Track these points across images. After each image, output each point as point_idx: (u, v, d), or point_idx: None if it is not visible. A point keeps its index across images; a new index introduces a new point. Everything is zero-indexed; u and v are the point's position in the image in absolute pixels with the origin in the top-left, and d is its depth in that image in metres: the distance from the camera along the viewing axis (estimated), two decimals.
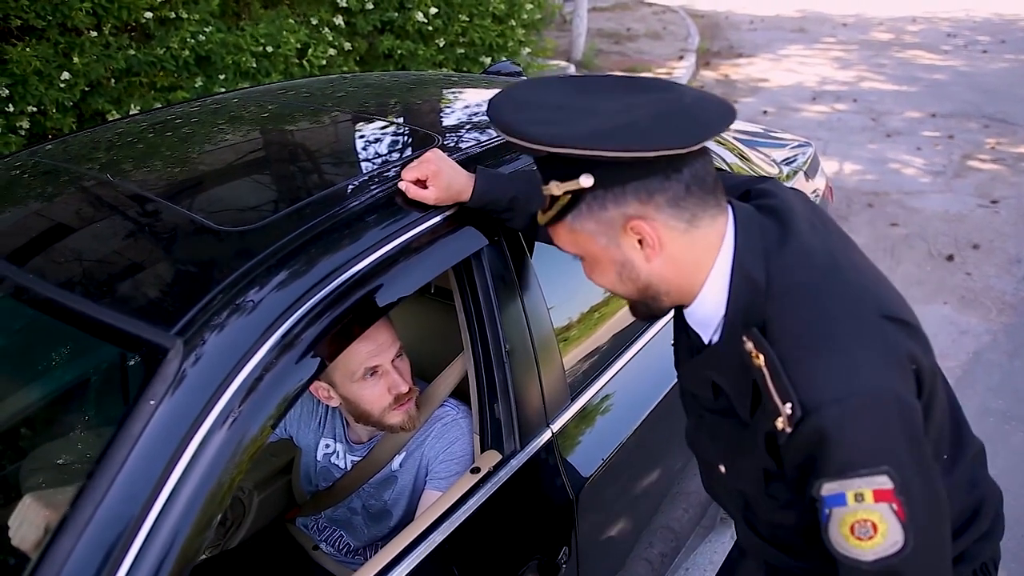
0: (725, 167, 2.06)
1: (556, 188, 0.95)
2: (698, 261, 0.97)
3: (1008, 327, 3.53)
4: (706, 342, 1.03)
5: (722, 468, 1.12)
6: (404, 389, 1.42)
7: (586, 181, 0.92)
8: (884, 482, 0.86)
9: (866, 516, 0.87)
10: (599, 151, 0.88)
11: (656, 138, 0.89)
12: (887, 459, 0.87)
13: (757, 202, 1.03)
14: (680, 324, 1.11)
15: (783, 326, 0.92)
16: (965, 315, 3.63)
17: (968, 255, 4.17)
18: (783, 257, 0.95)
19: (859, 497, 0.87)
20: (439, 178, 1.26)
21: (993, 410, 3.00)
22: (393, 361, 1.43)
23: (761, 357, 0.92)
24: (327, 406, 1.61)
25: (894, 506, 0.86)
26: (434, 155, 1.28)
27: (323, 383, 1.43)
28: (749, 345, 0.93)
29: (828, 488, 0.89)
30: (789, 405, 0.90)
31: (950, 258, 4.13)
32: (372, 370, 1.41)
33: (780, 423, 0.91)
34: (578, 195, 0.94)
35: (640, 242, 0.96)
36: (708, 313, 1.00)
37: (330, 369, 1.39)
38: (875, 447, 0.87)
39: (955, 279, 3.94)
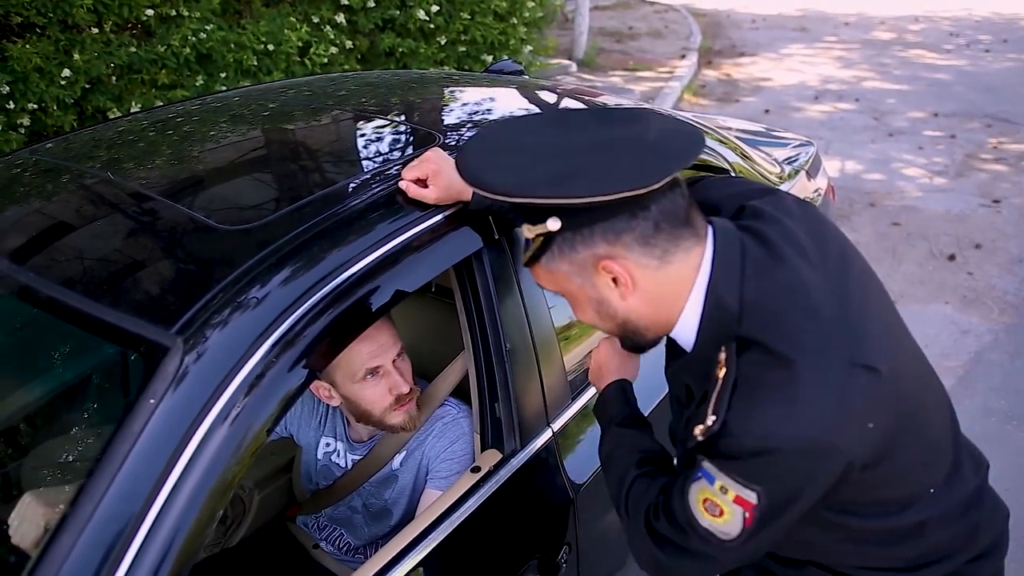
0: (727, 167, 2.05)
1: (528, 231, 0.97)
2: (674, 294, 0.98)
3: (1010, 327, 3.53)
4: (688, 350, 1.04)
5: None
6: (405, 390, 1.42)
7: (553, 225, 0.93)
8: (750, 495, 0.91)
9: (719, 503, 0.93)
10: (557, 199, 0.90)
11: (617, 180, 0.89)
12: (769, 483, 0.91)
13: (747, 222, 1.01)
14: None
15: (751, 358, 0.92)
16: (967, 315, 3.63)
17: (970, 255, 4.17)
18: (762, 285, 0.94)
19: (723, 489, 0.93)
20: (439, 177, 1.25)
21: (994, 410, 3.00)
22: (394, 362, 1.43)
23: (723, 370, 0.93)
24: (328, 405, 1.61)
25: (746, 514, 0.92)
26: (435, 154, 1.28)
27: (324, 383, 1.43)
28: (722, 356, 0.94)
29: (706, 466, 0.94)
30: (713, 418, 0.92)
31: (952, 258, 4.12)
32: (373, 370, 1.40)
33: (697, 430, 0.94)
34: (549, 238, 0.95)
35: (614, 280, 0.97)
36: (687, 335, 1.01)
37: (331, 369, 1.39)
38: (765, 474, 0.90)
39: (957, 279, 3.94)
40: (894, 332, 1.00)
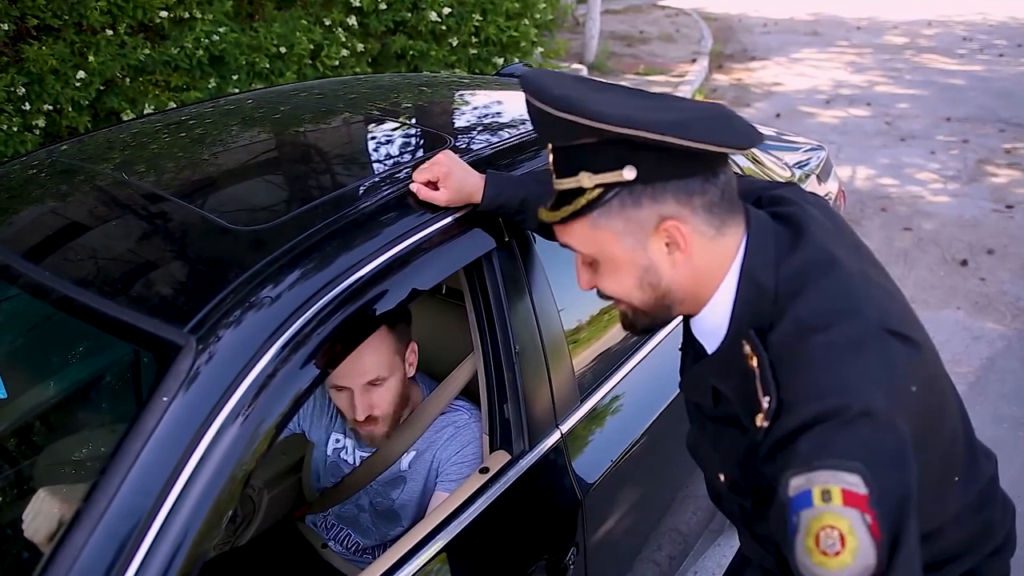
0: (738, 170, 2.05)
1: (587, 180, 0.89)
2: (717, 269, 0.95)
3: (1022, 333, 3.51)
4: (709, 352, 1.01)
5: (722, 477, 1.09)
6: (358, 417, 1.43)
7: (629, 174, 0.87)
8: (855, 482, 0.77)
9: (833, 523, 0.76)
10: (672, 138, 0.84)
11: (718, 135, 0.86)
12: (862, 458, 0.78)
13: (772, 209, 1.01)
14: (687, 332, 1.09)
15: (784, 330, 0.89)
16: (979, 321, 3.61)
17: (982, 260, 4.14)
18: (793, 263, 0.93)
19: (826, 495, 0.77)
20: (450, 180, 1.26)
21: (1007, 416, 2.98)
22: (369, 384, 1.42)
23: (755, 359, 0.89)
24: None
25: (867, 518, 0.76)
26: (445, 157, 1.29)
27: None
28: (747, 348, 0.91)
29: (794, 485, 0.79)
30: (767, 399, 0.87)
31: (964, 263, 4.10)
32: (337, 387, 1.44)
33: (759, 419, 0.88)
34: (610, 189, 0.90)
35: (668, 245, 0.93)
36: (714, 323, 0.98)
37: None
38: (850, 445, 0.80)
39: (969, 284, 3.91)
40: (912, 312, 0.99)
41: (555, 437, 1.43)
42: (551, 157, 0.94)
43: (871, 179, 5.20)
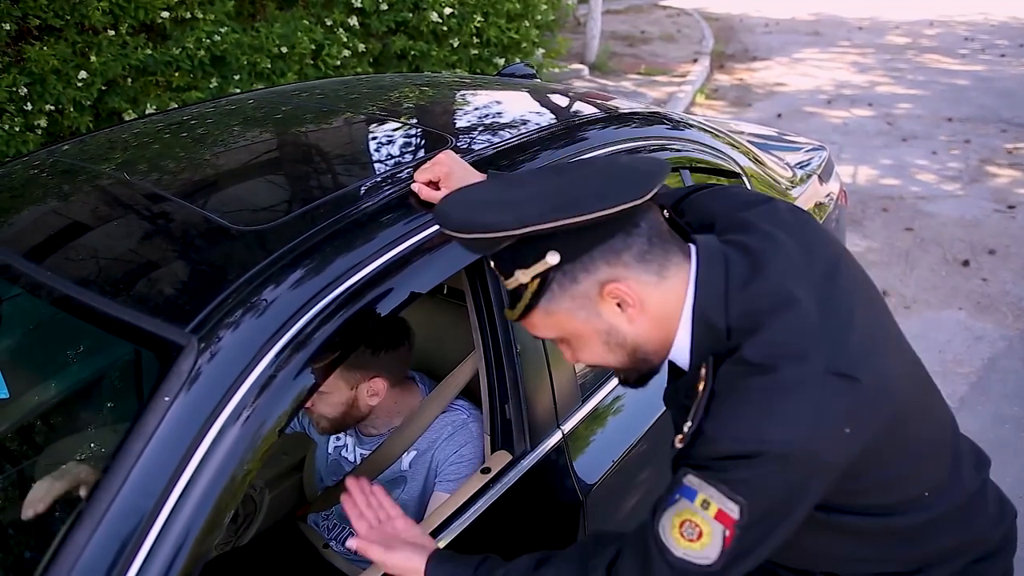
0: (739, 171, 2.05)
1: (523, 276, 0.95)
2: (673, 311, 0.98)
3: None
4: (686, 370, 1.04)
5: None
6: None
7: (552, 258, 0.93)
8: (733, 509, 0.89)
9: (699, 523, 0.90)
10: (566, 220, 0.90)
11: (613, 196, 0.90)
12: (751, 496, 0.88)
13: (735, 236, 1.01)
14: None
15: (730, 365, 0.92)
16: (980, 321, 3.60)
17: (984, 260, 4.14)
18: (745, 301, 0.95)
19: (705, 504, 0.90)
20: (451, 179, 1.26)
21: (1008, 416, 2.97)
22: None
23: (702, 384, 0.94)
24: None
25: (727, 532, 0.89)
26: (446, 157, 1.29)
27: None
28: (702, 371, 0.95)
29: (688, 480, 0.91)
30: (689, 424, 0.92)
31: (966, 263, 4.10)
32: None
33: (677, 440, 0.94)
34: (546, 276, 0.95)
35: (619, 305, 0.96)
36: (683, 355, 1.01)
37: None
38: (747, 485, 0.88)
39: (970, 284, 3.91)
40: (880, 342, 0.98)
41: (556, 437, 1.43)
42: (491, 264, 1.01)
43: (873, 179, 5.20)
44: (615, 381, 1.58)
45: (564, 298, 0.96)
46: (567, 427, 1.45)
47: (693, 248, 0.99)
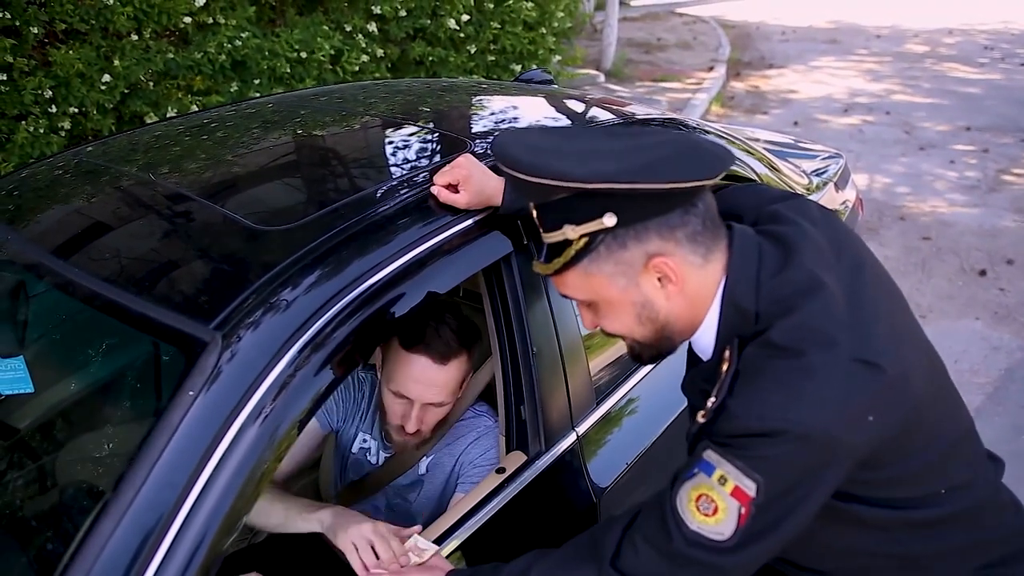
0: (755, 178, 2.06)
1: (571, 232, 0.93)
2: (708, 295, 0.98)
3: None
4: (704, 360, 1.05)
5: None
6: (409, 428, 1.41)
7: (609, 220, 0.91)
8: (750, 486, 0.89)
9: (715, 498, 0.91)
10: (639, 183, 0.88)
11: (685, 169, 0.89)
12: (769, 473, 0.88)
13: (764, 227, 1.03)
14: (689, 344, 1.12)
15: (758, 346, 0.93)
16: (998, 331, 3.57)
17: (1002, 270, 4.11)
18: (776, 286, 0.95)
19: (723, 480, 0.90)
20: (470, 183, 1.28)
21: None
22: (426, 404, 1.40)
23: (726, 364, 0.94)
24: (371, 402, 1.63)
25: (742, 509, 0.90)
26: (466, 160, 1.30)
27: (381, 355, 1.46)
28: (727, 354, 0.96)
29: (708, 455, 0.92)
30: (713, 400, 0.93)
31: (983, 273, 4.06)
32: (399, 392, 1.40)
33: (699, 415, 0.94)
34: (594, 237, 0.93)
35: (660, 280, 0.96)
36: (706, 342, 1.01)
37: (384, 358, 1.43)
38: (765, 462, 0.89)
39: (988, 294, 3.88)
40: (903, 335, 1.00)
41: (571, 439, 1.44)
42: (535, 213, 0.98)
43: (889, 188, 5.17)
44: (630, 383, 1.59)
45: (608, 262, 0.95)
46: (582, 429, 1.46)
47: (730, 234, 1.00)
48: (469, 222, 1.30)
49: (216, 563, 0.98)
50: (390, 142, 1.69)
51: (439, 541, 1.25)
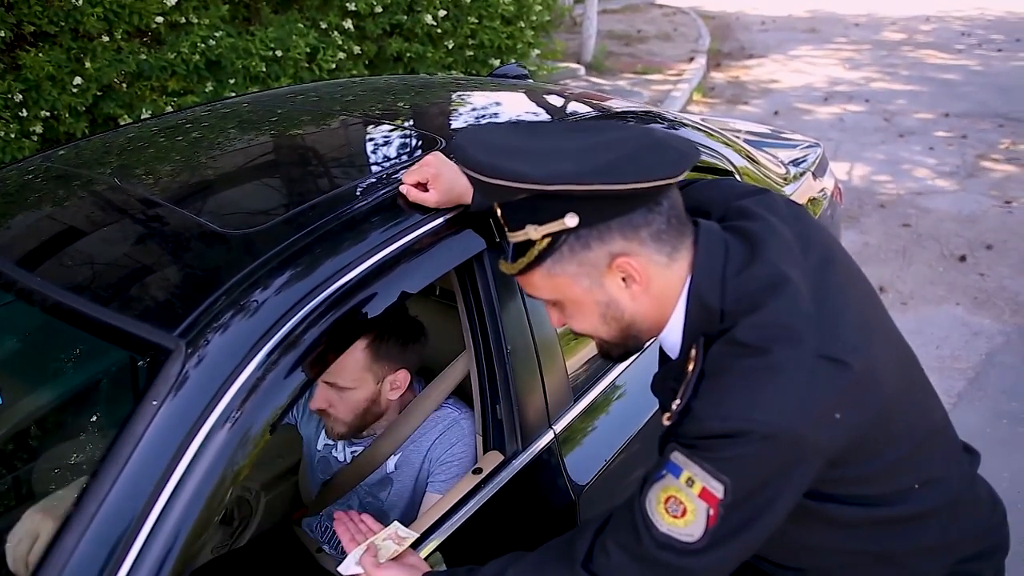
0: (732, 170, 2.05)
1: (534, 232, 0.92)
2: (673, 293, 0.98)
3: (1022, 328, 3.50)
4: (672, 358, 1.04)
5: None
6: (311, 404, 1.46)
7: (571, 221, 0.90)
8: (717, 487, 0.88)
9: (684, 500, 0.90)
10: (599, 185, 0.87)
11: (648, 169, 0.88)
12: (737, 474, 0.88)
13: (731, 223, 1.02)
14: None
15: (723, 344, 0.92)
16: (978, 316, 3.60)
17: (981, 256, 4.14)
18: (741, 283, 0.95)
19: (690, 481, 0.90)
20: (439, 181, 1.26)
21: (1006, 412, 2.97)
22: (325, 383, 1.42)
23: (692, 364, 0.94)
24: None
25: (711, 511, 0.89)
26: (435, 158, 1.29)
27: None
28: (693, 352, 0.95)
29: (675, 457, 0.91)
30: (678, 403, 0.92)
31: (963, 259, 4.09)
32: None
33: (664, 418, 0.94)
34: (557, 237, 0.93)
35: (624, 280, 0.95)
36: (673, 340, 1.01)
37: None
38: (732, 463, 0.88)
39: (968, 280, 3.91)
40: (873, 330, 0.99)
41: (548, 437, 1.43)
42: (499, 212, 0.97)
43: (869, 175, 5.20)
44: (606, 381, 1.58)
45: (571, 262, 0.94)
46: (559, 427, 1.45)
47: (695, 232, 0.99)
48: (440, 220, 1.29)
49: (188, 569, 0.96)
50: (363, 140, 1.67)
51: (417, 544, 1.23)
